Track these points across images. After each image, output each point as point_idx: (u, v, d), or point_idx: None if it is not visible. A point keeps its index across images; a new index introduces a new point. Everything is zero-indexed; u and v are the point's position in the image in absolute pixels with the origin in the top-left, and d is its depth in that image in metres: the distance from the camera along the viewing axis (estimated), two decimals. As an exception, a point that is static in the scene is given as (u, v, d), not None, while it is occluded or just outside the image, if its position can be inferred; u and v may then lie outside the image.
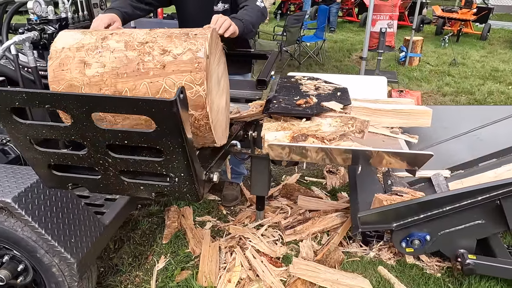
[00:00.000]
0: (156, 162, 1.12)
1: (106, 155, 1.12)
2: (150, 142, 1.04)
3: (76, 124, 1.03)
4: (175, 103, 0.93)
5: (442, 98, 5.39)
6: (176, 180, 1.16)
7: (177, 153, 1.07)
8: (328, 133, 1.76)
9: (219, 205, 2.89)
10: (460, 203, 1.89)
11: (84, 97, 0.96)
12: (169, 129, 0.99)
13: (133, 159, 1.12)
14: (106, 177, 1.20)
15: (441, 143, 2.44)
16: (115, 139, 1.06)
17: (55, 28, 2.08)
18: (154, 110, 0.95)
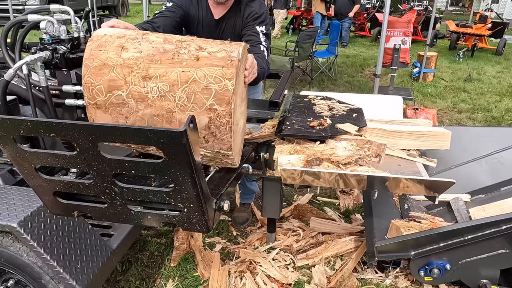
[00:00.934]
0: (165, 193, 1.07)
1: (113, 184, 1.07)
2: (158, 172, 1.00)
3: (82, 153, 0.99)
4: (185, 134, 0.88)
5: (458, 115, 5.27)
6: (185, 211, 1.11)
7: (186, 183, 1.01)
8: (343, 157, 1.70)
9: (229, 225, 2.82)
10: (483, 233, 1.79)
11: (90, 127, 0.92)
12: (178, 160, 0.95)
13: (141, 189, 1.07)
14: (112, 206, 1.15)
15: (460, 166, 2.35)
16: (122, 169, 1.01)
17: (67, 48, 2.07)
18: (162, 140, 0.90)
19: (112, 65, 1.29)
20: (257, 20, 2.14)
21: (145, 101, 1.28)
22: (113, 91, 1.29)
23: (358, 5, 10.37)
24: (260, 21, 2.15)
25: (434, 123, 4.04)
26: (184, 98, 1.27)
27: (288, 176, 1.65)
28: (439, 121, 5.02)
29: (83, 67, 1.32)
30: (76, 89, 2.11)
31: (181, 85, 1.26)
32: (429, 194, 1.70)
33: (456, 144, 2.38)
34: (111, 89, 1.29)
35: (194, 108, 1.27)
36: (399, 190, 1.79)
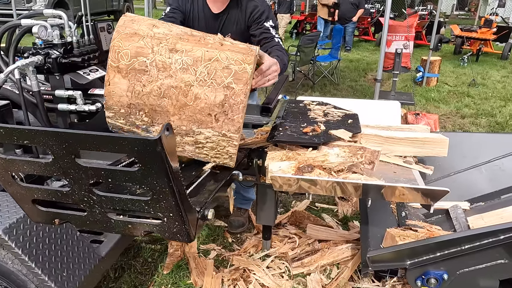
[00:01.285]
0: (143, 202, 1.04)
1: (90, 193, 1.04)
2: (135, 181, 0.97)
3: (57, 161, 0.96)
4: (159, 142, 0.85)
5: (461, 120, 5.20)
6: (165, 220, 1.08)
7: (164, 193, 0.98)
8: (336, 164, 1.66)
9: (225, 231, 2.79)
10: (481, 242, 1.74)
11: (64, 134, 0.90)
12: (154, 168, 0.92)
13: (119, 197, 1.04)
14: (92, 214, 1.12)
15: (460, 173, 2.29)
16: (98, 177, 0.99)
17: (59, 53, 2.06)
18: (137, 149, 0.87)
19: (143, 35, 1.37)
20: (263, 15, 2.15)
21: (167, 71, 1.35)
22: (138, 57, 1.35)
23: (362, 10, 10.34)
24: (266, 16, 2.16)
25: (435, 128, 3.99)
26: (205, 73, 1.35)
27: (278, 183, 1.61)
28: (442, 126, 4.96)
29: (115, 32, 1.39)
30: (68, 93, 2.10)
31: (204, 61, 1.36)
32: (424, 202, 1.65)
33: (456, 151, 2.33)
34: (137, 55, 1.35)
35: (212, 84, 1.35)
36: (394, 198, 1.75)
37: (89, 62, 2.20)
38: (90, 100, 2.18)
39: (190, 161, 1.69)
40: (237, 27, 2.20)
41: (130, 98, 1.38)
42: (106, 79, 1.38)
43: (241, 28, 2.19)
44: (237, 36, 2.19)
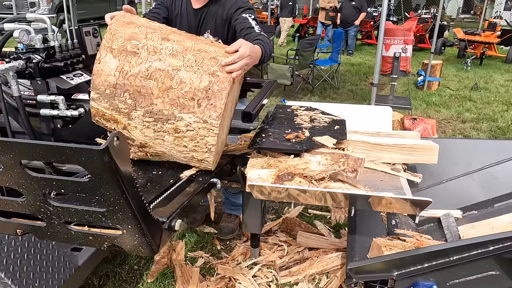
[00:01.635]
0: (100, 213, 0.99)
1: (46, 203, 1.00)
2: (88, 192, 0.92)
3: (7, 171, 0.92)
4: (107, 152, 0.81)
5: (462, 125, 5.11)
6: (125, 233, 1.03)
7: (119, 204, 0.94)
8: (317, 172, 1.60)
9: (214, 238, 2.74)
10: (470, 253, 1.67)
11: (9, 144, 0.86)
12: (105, 179, 0.87)
13: (75, 208, 1.00)
14: (51, 226, 1.08)
15: (452, 180, 2.23)
16: (51, 188, 0.94)
17: (41, 57, 2.03)
18: (84, 159, 0.83)
19: (139, 24, 1.47)
20: (241, 9, 2.12)
21: (157, 55, 1.42)
22: (131, 40, 1.42)
23: (364, 13, 10.27)
24: (244, 9, 2.12)
25: (433, 133, 3.92)
26: (193, 60, 1.43)
27: (257, 194, 1.56)
28: (442, 131, 4.88)
29: (113, 19, 1.47)
30: (50, 99, 2.07)
31: (193, 51, 1.44)
32: (409, 212, 1.60)
33: (448, 157, 2.27)
34: (131, 39, 1.43)
35: (198, 71, 1.42)
36: (381, 208, 1.69)
37: (72, 66, 2.17)
38: (74, 105, 2.15)
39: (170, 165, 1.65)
40: (215, 22, 2.19)
41: (117, 78, 1.41)
42: (97, 57, 1.42)
43: (220, 23, 2.18)
44: (216, 31, 2.18)
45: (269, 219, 2.96)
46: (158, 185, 1.45)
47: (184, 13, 2.21)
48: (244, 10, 2.12)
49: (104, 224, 1.04)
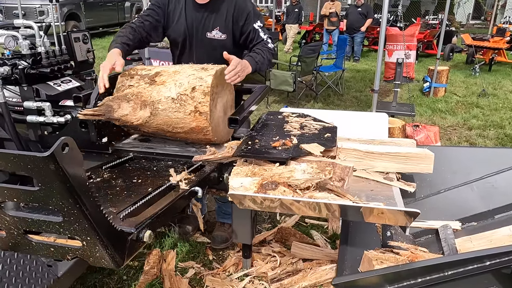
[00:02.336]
0: (56, 223, 0.94)
1: (2, 213, 0.95)
2: (40, 201, 0.87)
3: (-44, 179, 0.87)
4: (52, 159, 0.76)
5: (468, 132, 4.99)
6: (85, 244, 0.98)
7: (74, 215, 0.88)
8: (302, 181, 1.53)
9: (207, 248, 2.67)
10: (466, 268, 1.58)
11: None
12: (55, 188, 0.82)
13: (31, 218, 0.95)
14: (11, 236, 1.03)
15: (450, 190, 2.13)
16: (3, 197, 0.89)
17: (28, 63, 2.01)
18: (29, 166, 0.78)
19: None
20: (252, 16, 2.18)
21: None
22: None
23: (371, 19, 10.20)
24: (254, 16, 2.19)
25: (436, 141, 3.81)
26: None
27: (239, 203, 1.50)
28: (447, 138, 4.76)
29: None
30: (37, 105, 2.04)
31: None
32: (400, 223, 1.51)
33: (447, 166, 2.18)
34: None
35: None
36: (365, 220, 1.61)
37: (60, 72, 2.14)
38: (62, 111, 2.12)
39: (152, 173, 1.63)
40: (225, 19, 2.18)
41: None
42: None
43: (228, 21, 2.18)
44: (226, 28, 2.19)
45: (264, 229, 2.89)
46: (134, 193, 1.40)
47: (183, 8, 2.19)
48: (254, 18, 2.19)
49: (63, 235, 0.99)
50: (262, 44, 2.20)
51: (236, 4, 2.18)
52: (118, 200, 1.33)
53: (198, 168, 1.79)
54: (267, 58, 2.18)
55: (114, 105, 1.75)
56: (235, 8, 2.18)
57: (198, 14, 2.19)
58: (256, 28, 2.21)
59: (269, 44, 2.22)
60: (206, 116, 1.76)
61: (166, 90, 1.77)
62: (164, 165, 1.80)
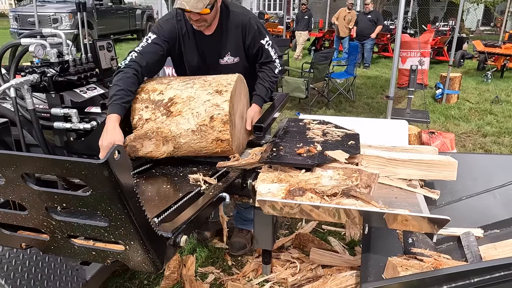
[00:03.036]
0: (102, 228, 0.97)
1: (48, 217, 0.99)
2: (89, 206, 0.90)
3: (9, 184, 0.91)
4: (106, 166, 0.79)
5: (483, 139, 4.96)
6: (128, 248, 1.00)
7: (120, 220, 0.91)
8: (329, 188, 1.55)
9: (225, 253, 2.69)
10: (492, 275, 1.58)
11: (11, 157, 0.85)
12: (106, 194, 0.85)
13: (77, 222, 0.98)
14: (54, 240, 1.07)
15: (472, 197, 2.13)
16: (53, 201, 0.93)
17: (56, 71, 2.06)
18: (84, 172, 0.81)
19: None
20: (257, 32, 2.16)
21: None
22: None
23: (381, 26, 10.22)
24: (259, 32, 2.17)
25: (452, 148, 3.80)
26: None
27: (268, 209, 1.52)
28: (462, 145, 4.74)
29: None
30: (64, 112, 2.10)
31: None
32: (426, 230, 1.52)
33: (468, 173, 2.17)
34: None
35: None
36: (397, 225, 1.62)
37: (86, 80, 2.19)
38: (87, 118, 2.17)
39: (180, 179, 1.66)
40: (235, 42, 2.17)
41: None
42: None
43: (238, 44, 2.17)
44: (235, 51, 2.16)
45: (281, 235, 2.90)
46: (165, 199, 1.43)
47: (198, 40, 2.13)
48: (260, 34, 2.17)
49: (107, 240, 1.02)
50: (269, 70, 2.21)
51: (241, 25, 2.13)
52: (151, 206, 1.36)
53: (223, 174, 1.82)
54: (272, 87, 2.21)
55: (137, 144, 1.75)
56: (241, 30, 2.14)
57: (208, 43, 2.15)
58: (263, 44, 2.19)
59: (276, 69, 2.22)
60: (228, 142, 1.79)
61: (185, 122, 1.77)
62: (189, 171, 1.83)
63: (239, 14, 2.14)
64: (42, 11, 11.11)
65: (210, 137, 1.77)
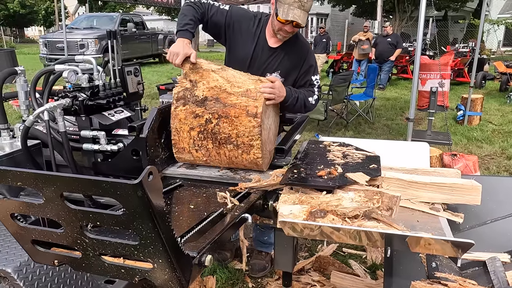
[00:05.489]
0: (132, 246, 1.01)
1: (82, 235, 1.04)
2: (121, 225, 0.95)
3: (48, 203, 0.97)
4: (140, 186, 0.84)
5: (507, 162, 4.85)
6: (156, 266, 1.04)
7: (150, 238, 0.96)
8: (350, 210, 1.56)
9: (245, 275, 2.69)
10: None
11: (52, 177, 0.91)
12: (138, 213, 0.90)
13: (109, 241, 1.02)
14: (86, 257, 1.11)
15: (497, 221, 2.09)
16: (88, 220, 0.98)
17: (86, 95, 2.17)
18: (119, 192, 0.86)
19: None
20: (313, 68, 2.27)
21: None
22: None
23: (400, 49, 10.27)
24: (314, 69, 2.28)
25: (475, 170, 3.73)
26: None
27: (289, 231, 1.53)
28: (485, 167, 4.64)
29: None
30: (93, 134, 2.19)
31: None
32: (450, 254, 1.50)
33: (493, 196, 2.14)
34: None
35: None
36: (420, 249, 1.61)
37: (114, 104, 2.29)
38: (114, 140, 2.25)
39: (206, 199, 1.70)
40: (289, 65, 2.24)
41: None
42: None
43: (291, 68, 2.25)
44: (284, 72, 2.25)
45: (301, 257, 2.89)
46: (190, 219, 1.47)
47: (259, 42, 2.22)
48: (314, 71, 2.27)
49: (136, 257, 1.06)
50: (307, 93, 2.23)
51: (304, 54, 2.24)
52: (176, 225, 1.40)
53: (245, 195, 1.85)
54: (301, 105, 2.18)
55: None
56: (303, 58, 2.23)
57: (266, 54, 2.23)
58: (312, 80, 2.28)
59: (311, 98, 2.24)
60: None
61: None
62: (212, 191, 1.87)
63: (303, 43, 2.28)
64: (70, 37, 11.65)
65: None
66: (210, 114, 1.85)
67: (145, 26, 16.14)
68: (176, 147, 1.94)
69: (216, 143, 1.87)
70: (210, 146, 1.88)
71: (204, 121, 1.85)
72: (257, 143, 1.84)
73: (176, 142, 1.93)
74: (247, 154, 1.87)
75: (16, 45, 28.13)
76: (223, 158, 1.92)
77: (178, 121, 1.89)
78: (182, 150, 1.94)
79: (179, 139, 1.91)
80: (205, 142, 1.88)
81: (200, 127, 1.86)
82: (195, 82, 1.93)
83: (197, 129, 1.87)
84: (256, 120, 1.81)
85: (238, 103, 1.85)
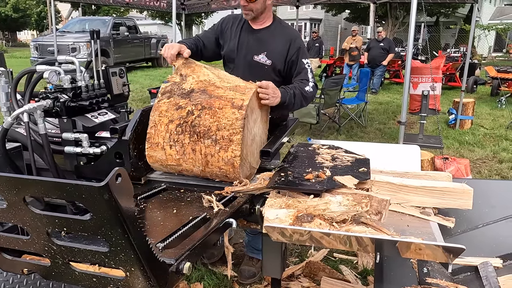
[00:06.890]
0: (102, 253, 0.95)
1: (50, 242, 0.97)
2: (89, 231, 0.88)
3: (11, 207, 0.90)
4: (107, 189, 0.78)
5: (498, 165, 4.84)
6: (128, 275, 0.98)
7: (121, 245, 0.89)
8: (338, 214, 1.51)
9: (234, 282, 2.62)
10: (513, 309, 1.49)
11: (13, 179, 0.84)
12: (105, 218, 0.83)
13: (78, 248, 0.96)
14: (55, 265, 1.05)
15: (489, 225, 2.05)
16: (54, 225, 0.92)
17: (68, 97, 2.10)
18: (84, 196, 0.80)
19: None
20: (301, 50, 2.26)
21: None
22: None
23: (392, 54, 10.30)
24: (303, 52, 2.27)
25: (467, 174, 3.71)
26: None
27: (275, 236, 1.48)
28: (477, 171, 4.63)
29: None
30: (75, 136, 2.12)
31: None
32: (440, 259, 1.46)
33: (484, 200, 2.11)
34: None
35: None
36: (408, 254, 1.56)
37: (98, 105, 2.23)
38: (97, 142, 2.19)
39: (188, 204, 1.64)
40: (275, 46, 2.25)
41: None
42: None
43: (278, 49, 2.25)
44: (271, 54, 2.25)
45: (291, 263, 2.83)
46: (171, 224, 1.41)
47: (243, 30, 2.30)
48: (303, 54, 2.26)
49: (108, 265, 0.99)
50: (302, 84, 2.21)
51: (290, 37, 2.25)
52: (155, 231, 1.34)
53: (230, 199, 1.79)
54: (300, 99, 2.17)
55: None
56: (289, 41, 2.24)
57: (251, 37, 2.29)
58: (304, 63, 2.25)
59: (307, 86, 2.22)
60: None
61: None
62: (196, 196, 1.80)
63: (291, 29, 2.34)
64: (62, 41, 11.54)
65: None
66: (193, 105, 1.76)
67: (138, 30, 16.05)
68: (149, 142, 1.80)
69: (193, 137, 1.73)
70: (187, 141, 1.74)
71: (185, 113, 1.75)
72: (237, 138, 1.69)
73: (151, 136, 1.80)
74: (224, 151, 1.72)
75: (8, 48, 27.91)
76: (197, 156, 1.77)
77: (158, 113, 1.80)
78: (155, 146, 1.80)
79: (155, 133, 1.78)
80: (181, 136, 1.75)
81: (180, 120, 1.75)
82: (185, 76, 1.90)
83: (176, 122, 1.76)
84: (241, 112, 1.71)
85: (225, 95, 1.78)
